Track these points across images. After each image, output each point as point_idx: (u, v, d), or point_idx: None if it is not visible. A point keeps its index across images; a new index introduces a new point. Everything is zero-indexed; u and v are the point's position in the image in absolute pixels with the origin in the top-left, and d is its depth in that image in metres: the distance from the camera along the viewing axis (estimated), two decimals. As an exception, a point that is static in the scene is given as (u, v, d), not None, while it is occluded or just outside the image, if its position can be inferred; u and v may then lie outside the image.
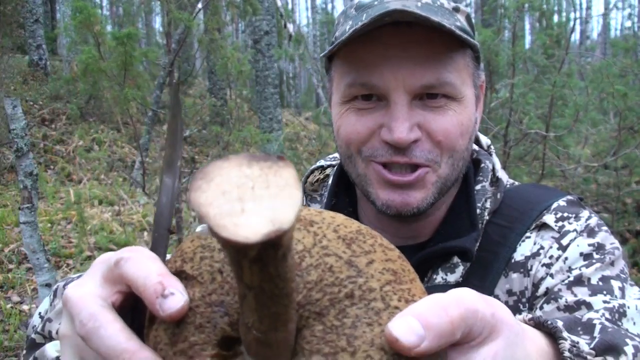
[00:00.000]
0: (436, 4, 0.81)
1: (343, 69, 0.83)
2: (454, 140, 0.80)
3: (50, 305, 0.77)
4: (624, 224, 5.44)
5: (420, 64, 0.77)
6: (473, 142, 0.89)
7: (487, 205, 0.89)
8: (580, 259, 0.81)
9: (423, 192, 0.81)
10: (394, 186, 0.81)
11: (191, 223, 5.87)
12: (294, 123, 13.10)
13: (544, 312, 0.78)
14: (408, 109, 0.78)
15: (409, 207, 0.81)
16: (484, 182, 0.91)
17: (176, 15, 3.46)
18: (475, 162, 0.96)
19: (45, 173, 7.28)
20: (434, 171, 0.81)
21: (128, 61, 3.67)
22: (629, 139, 5.25)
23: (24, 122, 3.16)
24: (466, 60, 0.82)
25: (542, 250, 0.84)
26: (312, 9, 22.18)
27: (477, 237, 0.85)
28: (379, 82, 0.79)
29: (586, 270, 0.78)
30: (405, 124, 0.77)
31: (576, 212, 0.86)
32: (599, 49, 17.14)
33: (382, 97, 0.80)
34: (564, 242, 0.83)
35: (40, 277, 3.37)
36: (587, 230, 0.84)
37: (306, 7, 32.11)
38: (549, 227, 0.85)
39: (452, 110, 0.80)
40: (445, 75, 0.78)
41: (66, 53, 10.51)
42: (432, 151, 0.80)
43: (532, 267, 0.84)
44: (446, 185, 0.83)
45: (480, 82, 0.88)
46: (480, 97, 0.90)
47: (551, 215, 0.86)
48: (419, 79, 0.77)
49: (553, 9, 8.30)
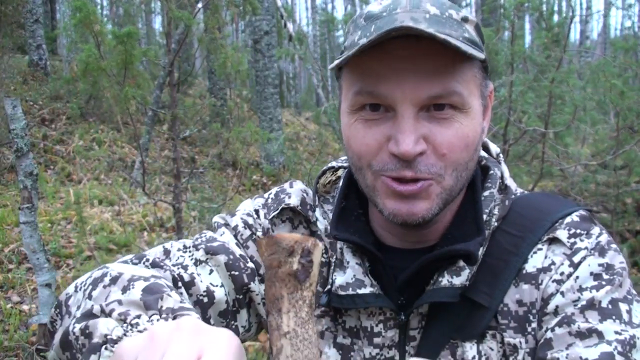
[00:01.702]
0: (444, 14, 0.82)
1: (351, 78, 0.85)
2: (457, 154, 0.82)
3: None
4: (623, 223, 5.45)
5: (427, 76, 0.79)
6: (479, 151, 0.90)
7: (495, 211, 0.90)
8: (590, 278, 0.83)
9: (428, 202, 0.82)
10: (400, 196, 0.82)
11: (191, 223, 5.87)
12: (294, 123, 13.10)
13: (555, 335, 0.80)
14: (414, 121, 0.79)
15: (414, 217, 0.83)
16: (492, 189, 0.92)
17: (176, 14, 3.45)
18: (483, 168, 0.97)
19: (45, 173, 7.29)
20: (437, 183, 0.82)
21: (128, 60, 3.67)
22: (629, 139, 5.25)
23: (24, 122, 3.17)
24: (474, 71, 0.83)
25: (553, 266, 0.85)
26: (312, 9, 22.18)
27: (482, 241, 0.86)
28: (385, 93, 0.80)
29: (597, 294, 0.81)
30: (412, 136, 0.78)
31: (588, 229, 0.88)
32: (599, 49, 17.13)
33: (390, 108, 0.81)
34: (575, 260, 0.85)
35: (40, 277, 3.37)
36: (598, 249, 0.85)
37: (306, 7, 32.11)
38: (561, 243, 0.87)
39: (458, 122, 0.81)
40: (452, 85, 0.79)
41: (66, 53, 10.53)
42: (436, 164, 0.81)
43: (543, 281, 0.85)
44: (451, 195, 0.85)
45: (488, 92, 0.89)
46: (489, 106, 0.91)
47: (564, 231, 0.87)
48: (426, 91, 0.79)
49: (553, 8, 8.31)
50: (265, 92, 9.68)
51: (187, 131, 9.12)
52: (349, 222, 0.94)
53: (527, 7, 5.43)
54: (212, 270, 0.91)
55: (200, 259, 0.91)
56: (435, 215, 0.84)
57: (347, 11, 21.07)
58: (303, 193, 1.03)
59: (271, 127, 9.36)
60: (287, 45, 9.78)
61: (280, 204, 1.01)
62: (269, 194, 1.05)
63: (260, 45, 9.53)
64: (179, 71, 6.32)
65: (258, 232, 0.99)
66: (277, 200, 1.02)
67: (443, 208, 0.85)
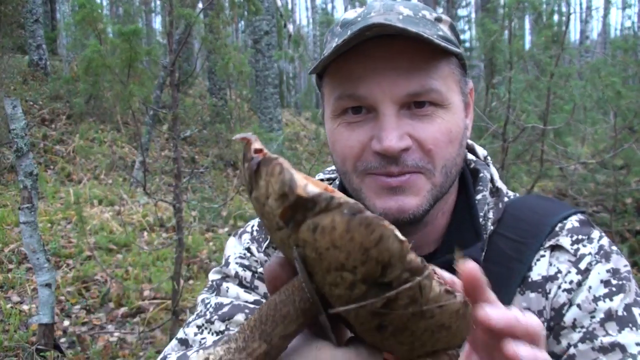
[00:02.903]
0: (418, 15, 0.84)
1: (332, 84, 0.86)
2: (443, 148, 0.82)
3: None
4: (623, 223, 5.45)
5: (405, 73, 0.79)
6: (465, 148, 0.90)
7: (490, 215, 0.90)
8: (601, 286, 0.84)
9: (417, 199, 0.82)
10: (388, 191, 0.82)
11: (191, 223, 5.87)
12: (294, 123, 13.10)
13: (579, 351, 0.81)
14: (396, 119, 0.80)
15: (405, 213, 0.82)
16: (484, 192, 0.92)
17: (180, 11, 3.43)
18: (473, 171, 0.97)
19: (45, 173, 7.29)
20: (427, 178, 0.82)
21: (133, 57, 3.66)
22: (628, 138, 5.25)
23: (24, 122, 3.17)
24: (451, 68, 0.84)
25: (560, 274, 0.86)
26: (312, 9, 22.19)
27: (483, 246, 0.87)
28: (365, 93, 0.81)
29: (612, 304, 0.82)
30: (394, 132, 0.79)
31: (588, 234, 0.88)
32: (599, 49, 17.13)
33: (371, 109, 0.82)
34: (581, 266, 0.85)
35: (40, 277, 3.37)
36: (602, 253, 0.86)
37: (306, 7, 32.11)
38: (564, 250, 0.87)
39: (439, 117, 0.81)
40: (430, 82, 0.80)
41: (66, 53, 10.52)
42: (423, 159, 0.81)
43: (551, 290, 0.85)
44: (441, 192, 0.85)
45: (468, 90, 0.90)
46: (470, 104, 0.91)
47: (567, 238, 0.88)
48: (404, 88, 0.79)
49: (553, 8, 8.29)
50: (265, 92, 9.69)
51: (188, 131, 9.12)
52: None
53: (526, 6, 5.43)
54: None
55: (220, 330, 0.90)
56: (426, 213, 0.84)
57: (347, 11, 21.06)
58: None
59: (271, 127, 9.36)
60: (287, 45, 9.79)
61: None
62: (251, 227, 1.03)
63: (260, 45, 9.53)
64: (180, 71, 6.32)
65: (258, 269, 0.98)
66: (262, 231, 1.01)
67: (433, 205, 0.84)
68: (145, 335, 3.97)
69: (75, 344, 3.81)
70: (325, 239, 0.37)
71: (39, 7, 9.92)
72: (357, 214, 0.36)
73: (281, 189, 0.38)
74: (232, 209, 6.50)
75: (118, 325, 4.16)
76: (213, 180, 8.17)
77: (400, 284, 0.38)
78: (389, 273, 0.38)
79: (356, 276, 0.38)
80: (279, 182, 0.38)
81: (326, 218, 0.36)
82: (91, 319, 4.18)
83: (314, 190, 0.37)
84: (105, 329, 4.08)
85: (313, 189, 0.37)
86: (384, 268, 0.38)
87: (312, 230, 0.37)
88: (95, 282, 4.62)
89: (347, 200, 0.37)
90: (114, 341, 3.91)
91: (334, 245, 0.37)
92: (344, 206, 0.36)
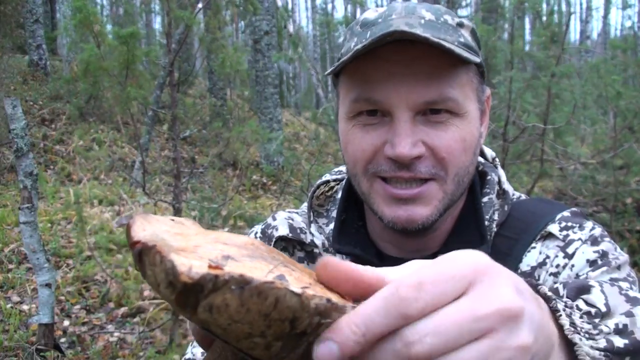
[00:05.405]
0: (440, 20, 0.82)
1: (348, 85, 0.85)
2: (457, 157, 0.81)
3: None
4: (623, 223, 5.45)
5: (423, 80, 0.79)
6: (478, 156, 0.90)
7: (495, 217, 0.90)
8: (586, 265, 0.82)
9: (428, 208, 0.82)
10: (398, 201, 0.82)
11: (191, 223, 5.86)
12: (294, 123, 13.10)
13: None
14: (411, 125, 0.79)
15: (414, 223, 0.82)
16: (491, 194, 0.92)
17: (177, 13, 3.45)
18: (481, 174, 0.97)
19: (45, 173, 7.29)
20: (440, 186, 0.82)
21: (130, 60, 3.67)
22: (628, 137, 5.26)
23: (24, 122, 3.17)
24: (469, 76, 0.83)
25: (548, 260, 0.85)
26: (312, 9, 22.20)
27: (487, 250, 0.85)
28: (382, 98, 0.80)
29: (592, 274, 0.78)
30: (408, 139, 0.78)
31: (580, 222, 0.88)
32: (599, 49, 17.13)
33: (386, 113, 0.81)
34: (569, 251, 0.84)
35: (40, 277, 3.38)
36: (592, 239, 0.85)
37: (306, 7, 32.10)
38: (554, 236, 0.86)
39: (454, 125, 0.81)
40: (447, 91, 0.79)
41: (66, 53, 10.52)
42: (436, 166, 0.81)
43: (540, 276, 0.85)
44: (452, 201, 0.84)
45: (485, 97, 0.89)
46: (486, 112, 0.90)
47: (555, 225, 0.87)
48: (422, 96, 0.79)
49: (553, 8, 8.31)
50: (265, 92, 9.69)
51: (188, 131, 9.13)
52: (350, 234, 0.93)
53: (527, 6, 5.44)
54: None
55: None
56: (435, 222, 0.83)
57: (347, 11, 21.08)
58: (288, 220, 1.01)
59: (271, 127, 9.36)
60: (288, 45, 9.79)
61: (271, 239, 0.99)
62: (254, 233, 1.03)
63: (260, 45, 9.54)
64: (179, 71, 6.33)
65: None
66: (266, 238, 1.01)
67: (443, 214, 0.84)
68: (145, 335, 3.98)
69: (75, 344, 3.82)
70: (224, 317, 0.37)
71: (39, 7, 9.92)
72: (245, 287, 0.36)
73: (167, 278, 0.37)
74: (231, 208, 6.50)
75: (118, 325, 4.17)
76: (213, 180, 8.17)
77: (315, 328, 0.39)
78: (298, 325, 0.38)
79: (267, 338, 0.38)
80: (163, 271, 0.37)
81: (217, 297, 0.36)
82: (91, 319, 4.19)
83: (198, 273, 0.36)
84: (105, 329, 4.08)
85: (197, 272, 0.36)
86: (291, 323, 0.38)
87: (208, 311, 0.37)
88: (95, 282, 4.63)
89: (232, 276, 0.36)
90: (114, 341, 3.91)
91: (233, 320, 0.37)
92: (230, 282, 0.36)
